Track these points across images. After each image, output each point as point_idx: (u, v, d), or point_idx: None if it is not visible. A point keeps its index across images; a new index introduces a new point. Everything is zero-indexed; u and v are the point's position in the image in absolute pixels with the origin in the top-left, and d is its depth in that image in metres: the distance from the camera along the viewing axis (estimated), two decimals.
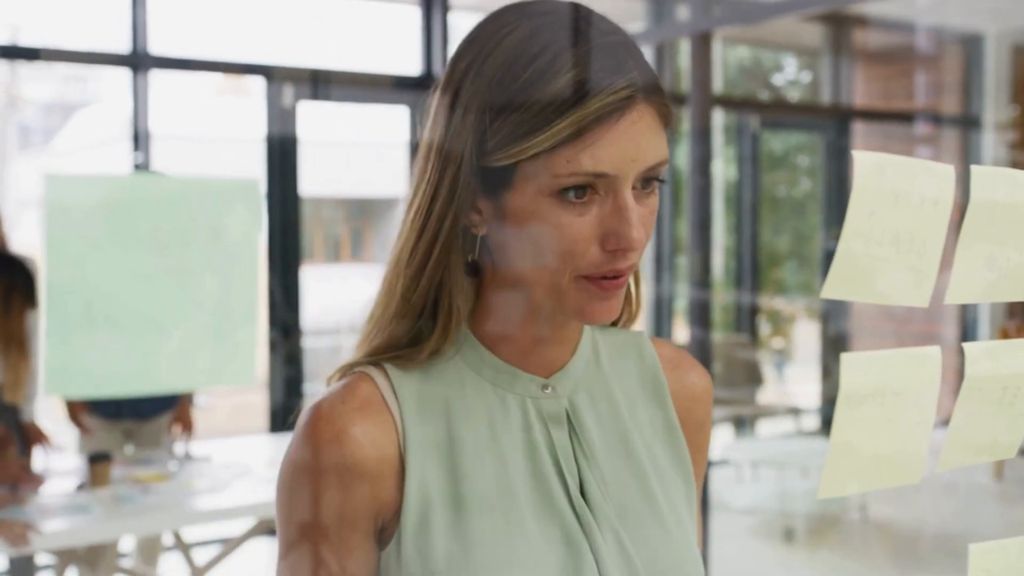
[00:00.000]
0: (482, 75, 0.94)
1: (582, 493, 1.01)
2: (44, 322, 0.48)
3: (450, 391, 1.01)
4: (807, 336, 9.27)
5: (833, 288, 0.72)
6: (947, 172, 0.76)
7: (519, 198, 0.93)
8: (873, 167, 0.72)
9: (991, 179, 0.78)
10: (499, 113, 0.92)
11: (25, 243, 3.95)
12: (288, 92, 5.76)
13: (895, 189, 0.73)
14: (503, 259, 0.98)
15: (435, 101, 0.99)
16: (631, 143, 0.91)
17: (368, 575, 0.99)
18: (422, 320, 1.00)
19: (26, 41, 7.43)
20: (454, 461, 0.99)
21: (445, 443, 0.99)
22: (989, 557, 0.80)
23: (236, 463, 4.21)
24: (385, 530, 0.99)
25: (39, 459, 4.16)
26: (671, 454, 1.09)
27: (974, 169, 0.77)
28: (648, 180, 0.94)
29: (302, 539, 0.98)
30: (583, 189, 0.91)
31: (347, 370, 1.02)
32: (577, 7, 0.97)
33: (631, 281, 1.07)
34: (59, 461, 4.13)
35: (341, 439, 0.96)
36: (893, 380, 0.73)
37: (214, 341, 0.50)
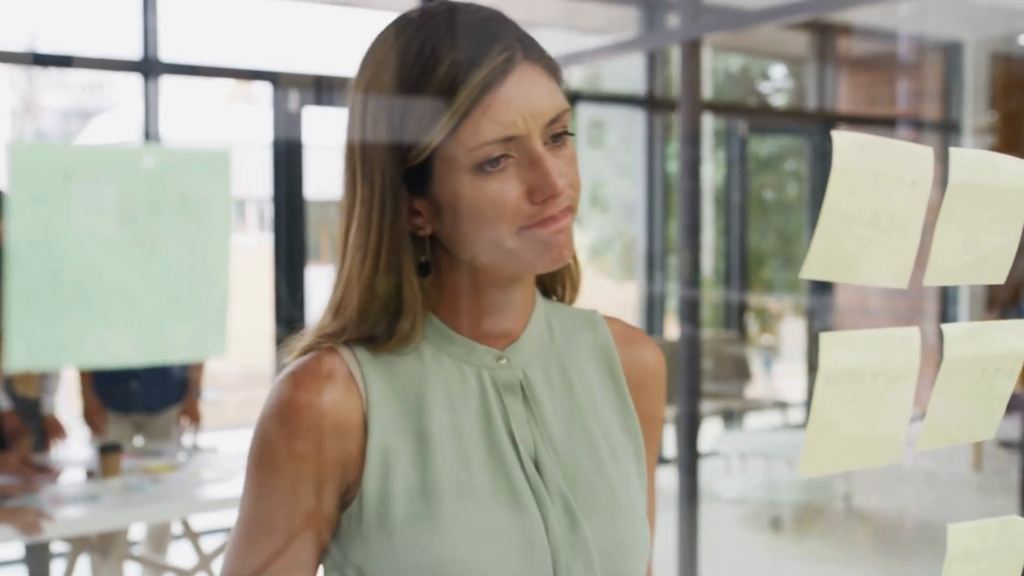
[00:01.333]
0: (379, 86, 0.97)
1: (535, 460, 1.03)
2: (8, 293, 0.45)
3: (411, 364, 1.02)
4: (794, 333, 9.26)
5: (812, 269, 0.69)
6: (926, 153, 0.73)
7: (444, 185, 0.96)
8: (852, 147, 0.69)
9: (970, 162, 0.75)
10: (403, 117, 0.95)
11: None
12: (294, 98, 5.74)
13: (874, 170, 0.70)
14: (454, 247, 1.00)
15: (347, 124, 1.02)
16: (524, 100, 0.93)
17: (327, 536, 1.01)
18: (381, 327, 1.01)
19: (43, 49, 7.40)
20: (414, 427, 1.00)
21: (406, 411, 1.01)
22: (968, 536, 0.78)
23: (242, 454, 4.18)
24: (348, 491, 1.00)
25: (55, 452, 4.14)
26: (622, 426, 1.10)
27: (953, 151, 0.74)
28: (557, 136, 0.96)
29: (267, 503, 1.00)
30: (497, 160, 0.94)
31: (311, 348, 1.03)
32: (449, 5, 0.99)
33: (572, 260, 1.10)
34: (71, 451, 4.11)
35: (310, 404, 0.97)
36: (872, 360, 0.71)
37: (184, 312, 0.48)
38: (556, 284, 1.13)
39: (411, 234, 0.99)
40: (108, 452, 3.75)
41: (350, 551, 1.00)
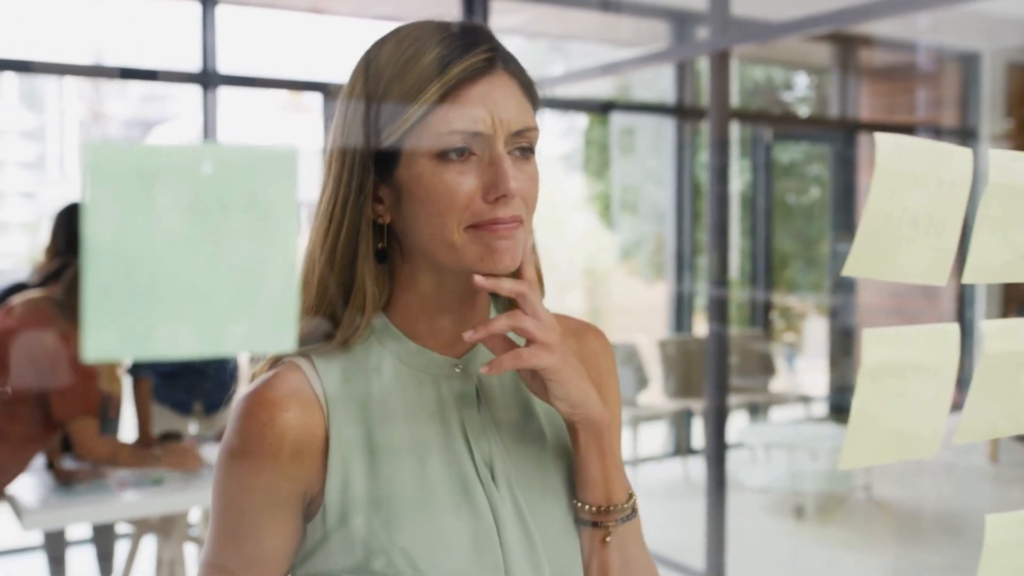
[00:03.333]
0: (366, 78, 0.98)
1: (490, 467, 1.01)
2: (84, 288, 0.44)
3: (370, 375, 1.00)
4: (816, 331, 9.17)
5: (854, 266, 0.67)
6: (965, 155, 0.71)
7: (409, 168, 0.95)
8: (894, 148, 0.67)
9: (1008, 163, 0.73)
10: (383, 100, 0.95)
11: None
12: None
13: (915, 170, 0.68)
14: (406, 238, 0.98)
15: (334, 110, 1.02)
16: (496, 104, 0.94)
17: (292, 548, 1.00)
18: (338, 309, 0.99)
19: (108, 62, 7.47)
20: (373, 438, 0.98)
21: (365, 422, 0.99)
22: (1007, 528, 0.75)
23: None
24: (312, 503, 0.98)
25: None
26: None
27: (992, 153, 0.72)
28: (523, 149, 0.96)
29: (234, 517, 0.98)
30: (461, 151, 0.93)
31: (274, 362, 1.02)
32: (441, 21, 1.00)
33: (533, 264, 1.07)
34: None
35: (272, 423, 0.95)
36: (912, 355, 0.68)
37: (252, 307, 0.47)
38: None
39: (372, 221, 0.99)
40: (169, 440, 3.78)
41: (315, 561, 0.98)
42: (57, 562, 4.43)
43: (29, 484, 3.48)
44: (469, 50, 0.94)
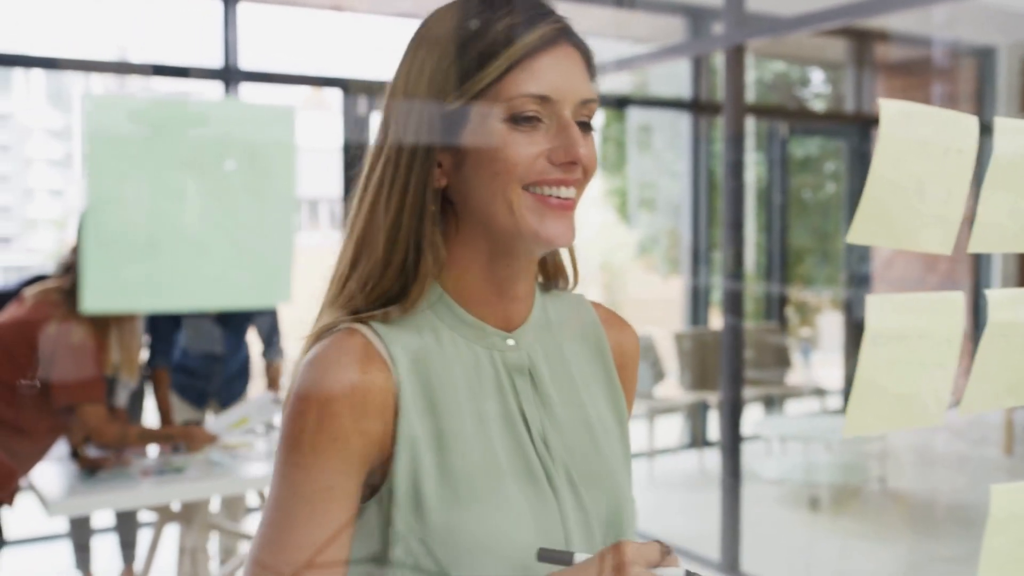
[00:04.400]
0: (435, 37, 0.97)
1: (543, 439, 1.02)
2: (84, 240, 0.44)
3: (428, 344, 0.99)
4: (831, 325, 9.12)
5: (858, 233, 0.66)
6: (971, 122, 0.70)
7: (475, 131, 0.94)
8: (899, 115, 0.66)
9: (1015, 132, 0.71)
10: (453, 61, 0.94)
11: None
12: (362, 103, 5.76)
13: (920, 137, 0.67)
14: (464, 203, 0.97)
15: (395, 70, 1.00)
16: (567, 72, 0.95)
17: (352, 527, 0.96)
18: (400, 276, 0.97)
19: (132, 60, 7.50)
20: (438, 410, 0.97)
21: (429, 393, 0.97)
22: (1011, 497, 0.74)
23: None
24: (372, 474, 0.96)
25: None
26: (610, 402, 1.09)
27: (998, 121, 0.70)
28: (582, 124, 0.96)
29: (301, 487, 0.94)
30: (530, 118, 0.93)
31: (327, 329, 0.99)
32: None
33: (569, 253, 1.09)
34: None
35: (349, 379, 0.93)
36: (918, 323, 0.67)
37: (250, 260, 0.46)
38: (559, 276, 1.11)
39: None
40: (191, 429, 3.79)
41: (376, 535, 0.96)
42: (82, 549, 4.46)
43: (53, 472, 3.50)
44: (539, 20, 0.95)
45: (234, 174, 0.46)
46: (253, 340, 4.54)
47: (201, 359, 4.27)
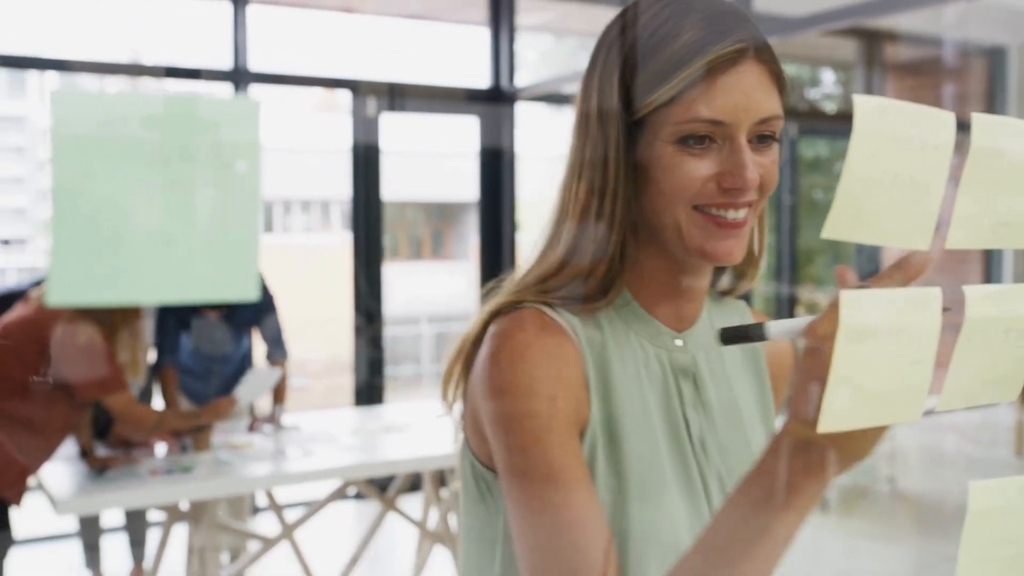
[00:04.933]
0: (620, 46, 0.96)
1: (701, 443, 1.02)
2: (50, 232, 0.44)
3: (605, 335, 0.99)
4: None
5: (833, 228, 0.66)
6: (948, 118, 0.70)
7: (648, 147, 0.94)
8: (874, 110, 0.66)
9: (992, 127, 0.71)
10: (634, 73, 0.94)
11: None
12: (371, 104, 5.77)
13: (896, 133, 0.67)
14: (637, 211, 0.97)
15: (585, 74, 1.00)
16: (742, 94, 0.92)
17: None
18: (603, 282, 0.98)
19: (144, 62, 7.53)
20: (611, 399, 0.97)
21: (606, 381, 0.97)
22: (990, 494, 0.74)
23: (322, 432, 4.22)
24: None
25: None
26: (761, 414, 1.09)
27: (974, 117, 0.70)
28: (763, 137, 0.94)
29: (549, 452, 0.90)
30: (702, 139, 0.92)
31: (511, 306, 0.98)
32: None
33: (755, 241, 1.06)
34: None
35: (551, 354, 0.93)
36: (893, 318, 0.67)
37: (215, 254, 0.47)
38: (743, 276, 1.10)
39: None
40: (199, 429, 3.80)
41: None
42: (92, 549, 4.48)
43: (63, 471, 3.52)
44: (722, 37, 0.92)
45: (199, 168, 0.46)
46: (255, 340, 4.56)
47: (205, 359, 4.29)
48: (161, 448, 3.82)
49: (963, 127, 0.70)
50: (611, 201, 0.96)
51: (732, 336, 0.85)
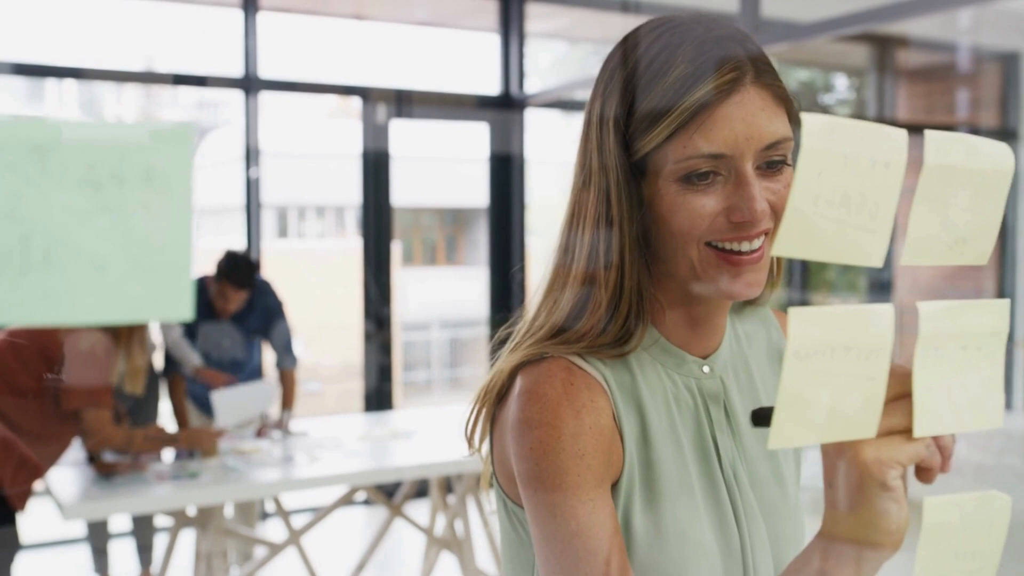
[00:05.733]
0: (616, 85, 0.94)
1: (732, 467, 1.02)
2: None
3: (635, 376, 0.98)
4: None
5: (783, 245, 0.66)
6: (900, 136, 0.70)
7: (651, 188, 0.92)
8: (822, 129, 0.66)
9: (945, 144, 0.72)
10: (631, 113, 0.92)
11: None
12: (382, 111, 5.79)
13: (845, 152, 0.68)
14: (651, 250, 0.95)
15: (584, 117, 0.99)
16: (742, 122, 0.89)
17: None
18: (624, 327, 0.96)
19: (158, 69, 7.58)
20: (645, 441, 0.97)
21: (641, 421, 0.97)
22: (945, 510, 0.74)
23: (329, 438, 4.23)
24: None
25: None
26: None
27: (927, 134, 0.71)
28: (773, 162, 0.91)
29: (577, 517, 0.90)
30: (705, 175, 0.90)
31: (528, 358, 0.96)
32: (697, 17, 0.96)
33: (776, 261, 1.05)
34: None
35: (581, 409, 0.92)
36: (843, 336, 0.68)
37: (148, 277, 0.48)
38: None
39: None
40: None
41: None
42: (100, 553, 4.51)
43: (70, 477, 3.55)
44: (716, 66, 0.89)
45: (131, 193, 0.47)
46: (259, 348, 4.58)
47: (213, 366, 4.31)
48: (168, 453, 3.85)
49: (975, 133, 0.70)
50: (618, 245, 0.94)
51: (762, 418, 0.85)
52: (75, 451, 3.68)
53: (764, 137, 0.89)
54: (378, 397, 5.90)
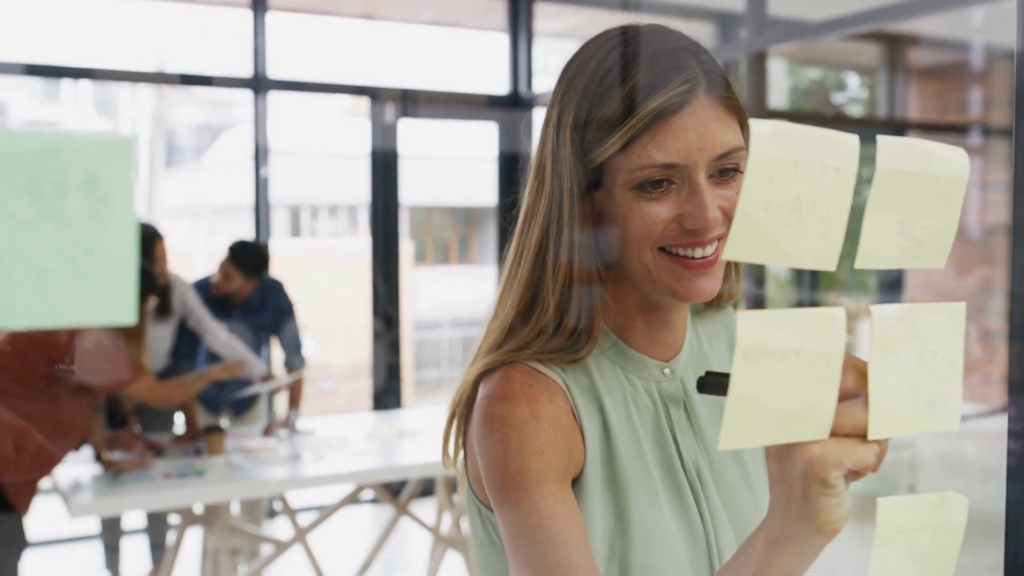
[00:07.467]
0: (573, 93, 0.96)
1: (695, 466, 1.03)
2: None
3: (594, 379, 1.00)
4: (868, 333, 9.01)
5: (734, 250, 0.67)
6: (851, 141, 0.71)
7: (606, 194, 0.94)
8: (771, 135, 0.67)
9: (899, 149, 0.72)
10: (587, 122, 0.94)
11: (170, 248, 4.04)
12: (390, 111, 5.81)
13: (795, 157, 0.68)
14: (607, 255, 0.98)
15: (542, 122, 1.01)
16: (694, 133, 0.91)
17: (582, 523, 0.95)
18: (573, 332, 0.98)
19: (170, 70, 7.63)
20: (605, 442, 0.99)
21: (598, 426, 0.99)
22: (901, 512, 0.75)
23: (336, 437, 4.25)
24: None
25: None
26: None
27: (879, 139, 0.71)
28: (725, 170, 0.93)
29: (541, 511, 0.92)
30: (659, 183, 0.92)
31: (490, 365, 0.99)
32: (653, 28, 0.97)
33: (734, 266, 1.07)
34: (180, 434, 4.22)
35: (540, 409, 0.94)
36: (792, 339, 0.68)
37: (91, 283, 0.49)
38: (721, 295, 1.10)
39: None
40: (213, 433, 3.85)
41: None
42: (112, 550, 4.55)
43: (77, 474, 3.58)
44: (668, 78, 0.91)
45: (73, 202, 0.49)
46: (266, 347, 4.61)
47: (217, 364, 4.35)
48: (174, 453, 3.88)
49: (987, 132, 0.71)
50: (567, 251, 0.96)
51: (708, 385, 0.88)
52: (82, 449, 3.71)
53: (716, 147, 0.92)
54: (387, 396, 5.93)
